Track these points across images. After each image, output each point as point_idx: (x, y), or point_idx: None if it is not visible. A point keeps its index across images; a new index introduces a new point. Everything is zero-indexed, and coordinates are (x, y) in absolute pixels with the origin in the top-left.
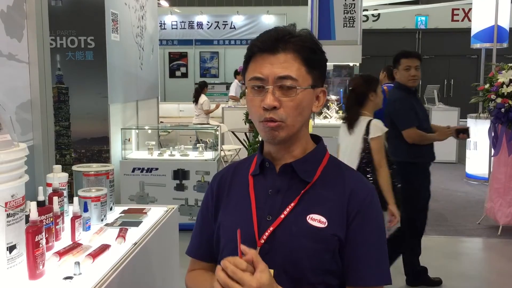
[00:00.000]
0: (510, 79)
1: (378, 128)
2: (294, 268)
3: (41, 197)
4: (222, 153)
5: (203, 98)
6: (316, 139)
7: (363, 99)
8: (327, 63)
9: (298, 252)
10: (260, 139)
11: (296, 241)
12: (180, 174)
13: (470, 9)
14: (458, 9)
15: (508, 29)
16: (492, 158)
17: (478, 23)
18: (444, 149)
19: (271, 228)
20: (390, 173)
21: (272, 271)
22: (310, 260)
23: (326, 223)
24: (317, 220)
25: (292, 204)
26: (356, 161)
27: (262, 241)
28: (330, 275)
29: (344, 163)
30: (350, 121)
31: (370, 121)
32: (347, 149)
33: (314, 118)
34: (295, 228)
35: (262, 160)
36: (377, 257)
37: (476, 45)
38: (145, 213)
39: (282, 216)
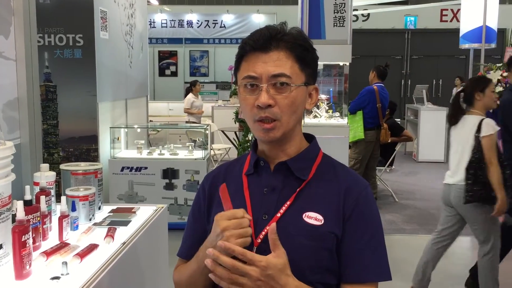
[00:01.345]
0: (498, 79)
1: (490, 127)
2: (292, 267)
3: (28, 196)
4: (212, 152)
5: (188, 97)
6: (309, 138)
7: (470, 99)
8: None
9: (296, 250)
10: (251, 138)
11: (293, 240)
12: (170, 173)
13: (458, 10)
14: (447, 9)
15: (496, 30)
16: None
17: (467, 23)
18: (432, 149)
19: (268, 227)
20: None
21: None
22: (308, 258)
23: (322, 221)
24: (313, 218)
25: (288, 203)
26: (467, 158)
27: (259, 240)
28: (329, 274)
29: (338, 161)
30: (450, 118)
31: (482, 120)
32: (459, 147)
33: (304, 118)
34: (291, 226)
35: (256, 159)
36: (374, 254)
37: (465, 46)
38: (134, 212)
39: (279, 214)
